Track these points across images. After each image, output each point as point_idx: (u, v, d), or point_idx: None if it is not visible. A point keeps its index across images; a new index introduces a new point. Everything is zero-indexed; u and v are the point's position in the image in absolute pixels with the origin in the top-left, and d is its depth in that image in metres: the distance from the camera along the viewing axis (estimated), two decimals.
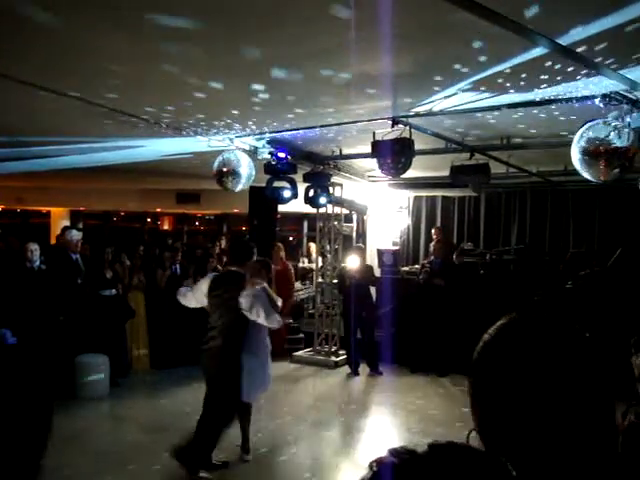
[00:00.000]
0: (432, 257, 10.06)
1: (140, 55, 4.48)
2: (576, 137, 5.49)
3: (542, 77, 4.77)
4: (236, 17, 3.70)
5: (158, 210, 19.38)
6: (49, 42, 4.18)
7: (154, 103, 5.86)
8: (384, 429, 7.17)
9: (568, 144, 5.69)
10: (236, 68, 4.76)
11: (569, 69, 4.54)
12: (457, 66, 4.57)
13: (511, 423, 1.06)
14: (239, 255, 6.02)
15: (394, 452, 0.86)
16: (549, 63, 4.41)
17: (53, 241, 13.15)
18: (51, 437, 0.97)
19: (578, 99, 5.33)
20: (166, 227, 20.85)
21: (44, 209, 18.84)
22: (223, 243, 12.30)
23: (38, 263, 8.32)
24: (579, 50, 4.04)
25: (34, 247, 8.26)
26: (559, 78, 4.80)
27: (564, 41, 3.88)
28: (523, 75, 4.73)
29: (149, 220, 20.81)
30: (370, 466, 0.86)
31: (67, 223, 16.61)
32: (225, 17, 3.70)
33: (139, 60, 4.63)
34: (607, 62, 4.35)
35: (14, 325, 7.22)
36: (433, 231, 11.67)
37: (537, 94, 5.29)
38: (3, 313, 7.61)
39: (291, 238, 19.25)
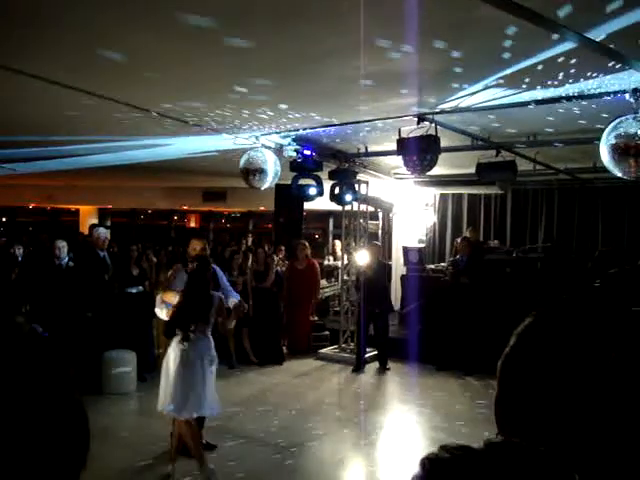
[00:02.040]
0: (458, 255, 9.95)
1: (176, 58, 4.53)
2: (605, 133, 5.40)
3: (570, 72, 4.71)
4: (259, 14, 3.72)
5: (185, 208, 19.53)
6: (80, 44, 4.24)
7: (186, 102, 5.93)
8: (409, 427, 7.14)
9: (597, 140, 5.61)
10: (264, 67, 4.79)
11: (598, 63, 4.48)
12: (483, 62, 4.54)
13: (539, 426, 1.04)
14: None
15: (447, 448, 0.82)
16: (577, 58, 4.35)
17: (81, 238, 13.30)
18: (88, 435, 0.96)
19: (608, 94, 5.26)
20: (193, 225, 20.99)
21: (73, 207, 19.11)
22: (249, 241, 12.36)
23: (66, 260, 8.44)
24: (608, 44, 3.98)
25: (62, 244, 8.38)
26: (588, 73, 4.74)
27: (593, 35, 3.83)
28: (551, 70, 4.68)
29: (176, 218, 20.97)
30: (422, 463, 0.83)
31: (95, 221, 16.86)
32: (248, 16, 3.72)
33: (174, 63, 4.70)
34: (638, 55, 4.28)
35: (44, 321, 7.35)
36: (467, 230, 11.62)
37: (566, 89, 5.23)
38: (34, 309, 7.75)
39: (317, 236, 19.26)
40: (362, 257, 9.83)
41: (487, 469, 0.78)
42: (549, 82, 5.00)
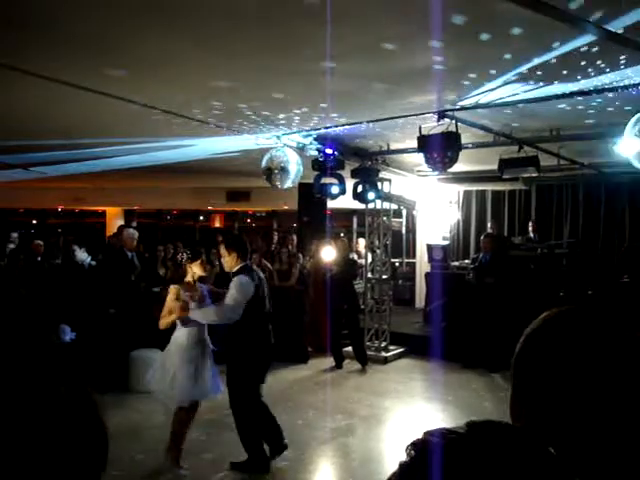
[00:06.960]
0: (481, 253, 9.85)
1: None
2: (629, 126, 5.35)
3: (591, 65, 4.68)
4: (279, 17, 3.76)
5: (209, 208, 19.68)
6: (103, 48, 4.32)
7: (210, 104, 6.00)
8: (433, 424, 7.10)
9: (621, 134, 5.56)
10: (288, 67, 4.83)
11: (619, 55, 4.44)
12: (503, 57, 4.52)
13: (552, 418, 1.05)
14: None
15: (433, 433, 0.83)
16: (598, 50, 4.32)
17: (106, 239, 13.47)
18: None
19: (631, 86, 5.20)
20: (217, 224, 21.13)
21: (100, 209, 19.36)
22: (275, 239, 12.40)
23: (88, 260, 8.61)
24: (629, 35, 3.95)
25: (78, 248, 8.63)
26: (610, 65, 4.69)
27: (613, 27, 3.80)
28: (571, 64, 4.65)
29: (201, 218, 21.13)
30: (408, 450, 0.83)
31: (122, 222, 17.04)
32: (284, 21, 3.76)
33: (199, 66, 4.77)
34: None
35: (72, 320, 7.48)
36: (489, 225, 11.58)
37: (587, 83, 5.19)
38: (63, 309, 7.89)
39: (341, 234, 19.27)
40: (329, 253, 9.76)
41: (473, 449, 0.78)
42: (570, 76, 4.97)
